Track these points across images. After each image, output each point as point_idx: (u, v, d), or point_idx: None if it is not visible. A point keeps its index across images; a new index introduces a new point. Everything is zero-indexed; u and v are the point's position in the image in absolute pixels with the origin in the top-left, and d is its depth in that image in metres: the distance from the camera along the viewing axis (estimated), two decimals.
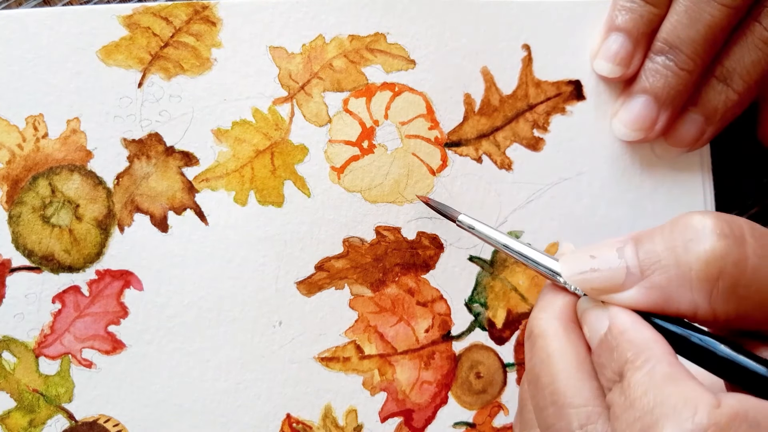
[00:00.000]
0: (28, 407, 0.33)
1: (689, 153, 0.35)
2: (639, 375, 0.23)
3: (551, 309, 0.27)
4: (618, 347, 0.24)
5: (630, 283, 0.25)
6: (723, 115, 0.33)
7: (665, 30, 0.32)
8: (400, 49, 0.34)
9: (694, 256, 0.24)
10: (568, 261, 0.26)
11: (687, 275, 0.24)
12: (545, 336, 0.26)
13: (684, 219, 0.25)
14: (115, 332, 0.34)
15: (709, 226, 0.24)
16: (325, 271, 0.34)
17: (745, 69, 0.32)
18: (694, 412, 0.21)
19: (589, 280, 0.26)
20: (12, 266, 0.33)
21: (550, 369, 0.25)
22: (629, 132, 0.34)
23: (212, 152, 0.34)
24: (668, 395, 0.22)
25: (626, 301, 0.25)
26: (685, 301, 0.24)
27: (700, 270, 0.23)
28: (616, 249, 0.25)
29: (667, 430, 0.21)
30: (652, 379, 0.22)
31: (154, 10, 0.33)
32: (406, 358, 0.35)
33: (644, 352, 0.23)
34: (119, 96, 0.33)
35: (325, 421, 0.34)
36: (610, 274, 0.25)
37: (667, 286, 0.24)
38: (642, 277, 0.25)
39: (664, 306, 0.24)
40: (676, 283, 0.24)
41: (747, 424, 0.21)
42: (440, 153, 0.35)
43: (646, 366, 0.23)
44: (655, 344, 0.23)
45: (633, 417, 0.22)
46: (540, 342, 0.26)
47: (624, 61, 0.33)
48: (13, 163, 0.33)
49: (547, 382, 0.25)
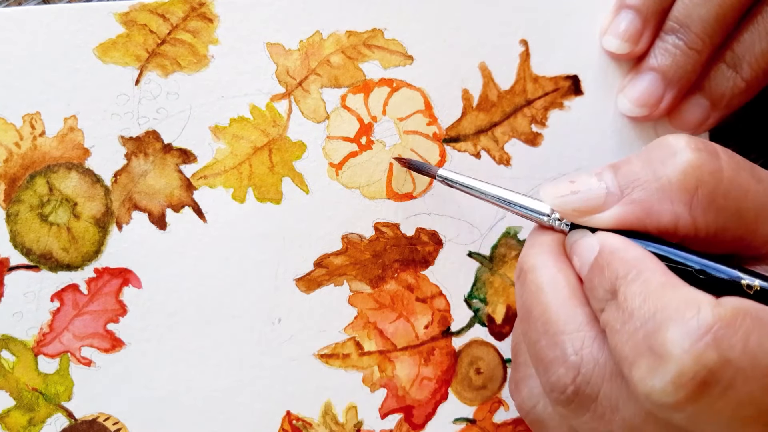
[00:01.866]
0: (27, 406, 0.33)
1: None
2: (635, 286, 0.23)
3: (539, 245, 0.27)
4: (609, 266, 0.24)
5: (610, 202, 0.25)
6: (729, 101, 0.33)
7: (677, 9, 0.32)
8: (397, 44, 0.34)
9: (672, 168, 0.24)
10: (547, 187, 0.27)
11: (666, 187, 0.24)
12: (535, 269, 0.26)
13: (659, 140, 0.26)
14: (114, 330, 0.34)
15: (684, 142, 0.25)
16: (324, 268, 0.34)
17: (754, 57, 0.32)
18: (697, 311, 0.21)
19: (570, 202, 0.26)
20: (10, 265, 0.33)
21: (540, 299, 0.25)
22: (634, 108, 0.34)
23: (210, 149, 0.34)
24: (669, 300, 0.22)
25: (608, 220, 0.25)
26: (666, 214, 0.24)
27: (679, 180, 0.24)
28: (595, 174, 0.26)
29: (671, 332, 0.21)
30: (648, 287, 0.22)
31: (151, 7, 0.33)
32: (405, 354, 0.35)
33: (636, 267, 0.23)
34: (116, 93, 0.33)
35: (325, 418, 0.34)
36: (590, 195, 0.26)
37: (647, 200, 0.25)
38: (622, 195, 0.25)
39: (646, 222, 0.25)
40: (656, 196, 0.25)
41: (750, 318, 0.21)
42: (439, 149, 0.35)
43: (641, 277, 0.23)
44: (646, 259, 0.24)
45: (634, 327, 0.22)
46: (530, 276, 0.26)
47: (632, 38, 0.33)
48: (11, 162, 0.33)
49: (538, 313, 0.25)
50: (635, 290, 0.23)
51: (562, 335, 0.24)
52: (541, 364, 0.25)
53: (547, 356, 0.25)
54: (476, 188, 0.29)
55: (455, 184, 0.30)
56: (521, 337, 0.27)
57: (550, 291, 0.25)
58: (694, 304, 0.21)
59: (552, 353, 0.24)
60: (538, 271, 0.26)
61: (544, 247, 0.27)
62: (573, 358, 0.24)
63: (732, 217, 0.24)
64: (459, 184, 0.30)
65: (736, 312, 0.21)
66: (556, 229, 0.27)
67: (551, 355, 0.24)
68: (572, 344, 0.24)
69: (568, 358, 0.24)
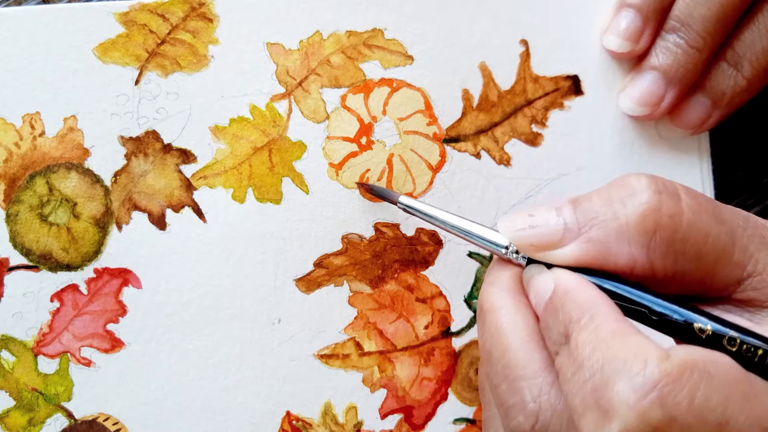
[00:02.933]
0: (27, 406, 0.33)
1: (689, 151, 0.35)
2: (585, 333, 0.22)
3: (498, 282, 0.27)
4: (563, 307, 0.24)
5: (568, 239, 0.25)
6: (730, 100, 0.33)
7: (677, 8, 0.32)
8: (397, 44, 0.34)
9: (631, 209, 0.24)
10: (505, 220, 0.27)
11: (624, 228, 0.24)
12: (493, 310, 0.26)
13: (620, 179, 0.25)
14: (114, 330, 0.33)
15: (645, 183, 0.24)
16: (324, 268, 0.34)
17: (755, 55, 0.32)
18: (644, 366, 0.20)
19: (527, 236, 0.26)
20: (10, 265, 0.33)
21: (500, 342, 0.25)
22: (635, 107, 0.34)
23: (210, 149, 0.34)
24: (617, 351, 0.21)
25: (565, 257, 0.25)
26: (623, 255, 0.24)
27: (638, 222, 0.24)
28: (554, 209, 0.26)
29: (618, 387, 0.20)
30: (598, 336, 0.22)
31: (151, 7, 0.33)
32: (405, 354, 0.35)
33: (589, 311, 0.23)
34: (116, 93, 0.33)
35: (324, 419, 0.34)
36: (548, 230, 0.25)
37: (605, 239, 0.24)
38: (579, 232, 0.25)
39: (602, 261, 0.24)
40: (614, 237, 0.24)
41: (698, 373, 0.20)
42: (439, 149, 0.35)
43: (592, 324, 0.22)
44: (600, 302, 0.23)
45: (583, 378, 0.22)
46: (489, 317, 0.26)
47: (633, 36, 0.33)
48: (10, 162, 0.33)
49: (498, 356, 0.25)
50: (585, 338, 0.22)
51: (521, 381, 0.24)
52: (502, 409, 0.25)
53: (507, 401, 0.25)
54: (436, 217, 0.29)
55: (415, 212, 0.30)
56: (485, 377, 0.27)
57: (509, 334, 0.25)
58: (641, 358, 0.21)
59: (512, 399, 0.24)
60: (496, 312, 0.26)
61: (502, 286, 0.27)
62: (531, 405, 0.24)
63: (691, 260, 0.24)
64: (419, 212, 0.30)
65: (683, 366, 0.20)
66: (513, 262, 0.27)
67: (511, 400, 0.24)
68: (530, 391, 0.24)
69: (527, 406, 0.24)
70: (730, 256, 0.24)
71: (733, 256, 0.24)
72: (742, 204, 0.38)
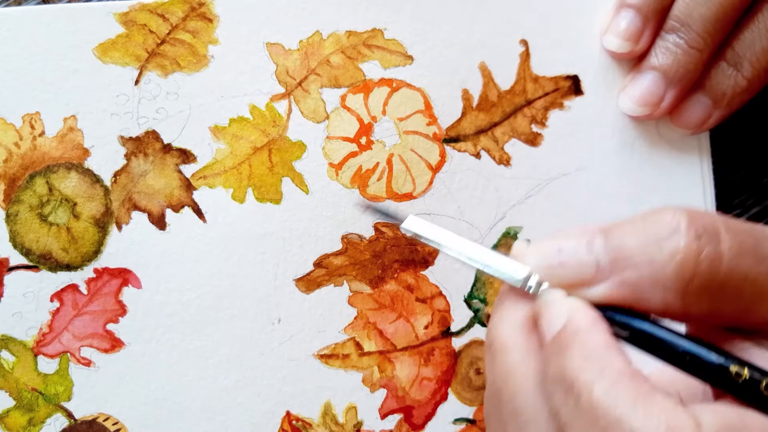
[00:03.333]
0: (27, 406, 0.33)
1: (689, 151, 0.35)
2: (598, 390, 0.21)
3: (511, 320, 0.25)
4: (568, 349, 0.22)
5: (600, 278, 0.23)
6: (730, 99, 0.33)
7: (677, 8, 0.32)
8: (397, 44, 0.34)
9: (668, 254, 0.22)
10: (533, 254, 0.24)
11: (660, 274, 0.22)
12: (504, 350, 0.24)
13: (657, 214, 0.23)
14: (114, 330, 0.33)
15: (684, 224, 0.23)
16: (324, 268, 0.34)
17: (755, 55, 0.32)
18: None
19: (557, 275, 0.24)
20: (10, 265, 0.33)
21: (509, 386, 0.24)
22: (635, 107, 0.34)
23: (210, 149, 0.34)
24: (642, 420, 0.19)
25: (595, 298, 0.23)
26: (656, 300, 0.23)
27: (674, 269, 0.22)
28: (585, 241, 0.24)
29: None
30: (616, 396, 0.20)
31: (151, 7, 0.33)
32: (405, 354, 0.35)
33: (598, 362, 0.21)
34: (116, 93, 0.33)
35: (324, 418, 0.34)
36: (579, 269, 0.23)
37: (638, 283, 0.23)
38: (612, 272, 0.23)
39: (633, 303, 0.23)
40: (648, 281, 0.23)
41: None
42: (439, 149, 0.35)
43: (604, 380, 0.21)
44: (610, 352, 0.22)
45: None
46: (500, 357, 0.25)
47: (633, 36, 0.33)
48: (10, 162, 0.33)
49: (507, 398, 0.24)
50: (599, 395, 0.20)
51: (528, 426, 0.23)
52: None
53: None
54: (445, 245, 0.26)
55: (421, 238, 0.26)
56: (492, 408, 0.26)
57: (520, 378, 0.24)
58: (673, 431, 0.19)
59: None
60: (507, 354, 0.24)
61: (515, 322, 0.25)
62: None
63: (728, 302, 0.23)
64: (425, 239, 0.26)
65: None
66: (529, 295, 0.25)
67: None
68: None
69: None
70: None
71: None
72: (742, 204, 0.38)
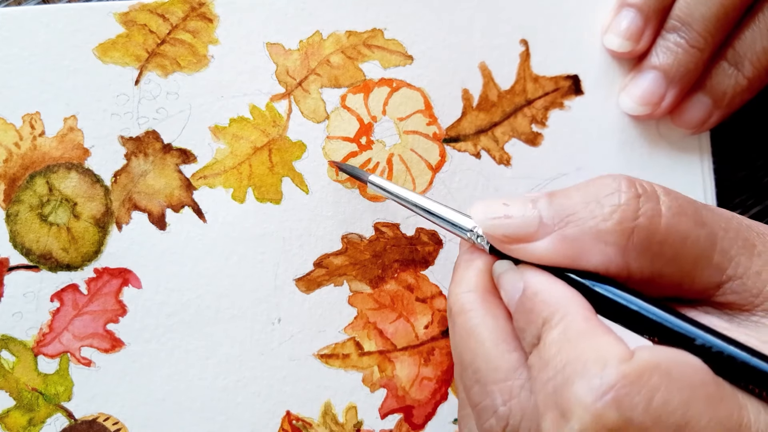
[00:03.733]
0: (27, 406, 0.33)
1: (690, 151, 0.35)
2: (554, 333, 0.22)
3: (466, 282, 0.26)
4: (534, 309, 0.23)
5: (543, 233, 0.24)
6: (731, 99, 0.33)
7: (678, 7, 0.32)
8: (397, 44, 0.34)
9: (609, 209, 0.23)
10: (479, 207, 0.26)
11: (601, 228, 0.23)
12: (462, 312, 0.26)
13: (599, 178, 0.25)
14: (114, 330, 0.34)
15: (624, 183, 0.24)
16: (324, 268, 0.34)
17: (755, 55, 0.32)
18: (602, 367, 0.20)
19: (501, 225, 0.25)
20: (10, 265, 0.33)
21: (470, 346, 0.25)
22: (636, 106, 0.34)
23: (210, 149, 0.34)
24: (580, 352, 0.21)
25: (537, 252, 0.24)
26: (597, 255, 0.24)
27: (615, 223, 0.23)
28: (530, 200, 0.25)
29: (576, 388, 0.20)
30: (565, 335, 0.22)
31: (151, 7, 0.33)
32: (405, 354, 0.35)
33: (559, 311, 0.23)
34: (116, 93, 0.33)
35: (324, 418, 0.34)
36: (523, 222, 0.24)
37: (580, 238, 0.24)
38: (555, 228, 0.24)
39: (575, 259, 0.24)
40: (590, 236, 0.23)
41: (658, 374, 0.20)
42: (439, 149, 0.35)
43: (561, 324, 0.22)
44: (570, 301, 0.23)
45: (547, 377, 0.21)
46: (459, 319, 0.26)
47: (634, 36, 0.33)
48: (10, 162, 0.33)
49: (469, 360, 0.25)
50: (553, 338, 0.22)
51: (491, 385, 0.24)
52: (475, 410, 0.25)
53: (479, 403, 0.24)
54: (404, 197, 0.29)
55: (384, 191, 0.31)
56: (457, 377, 0.27)
57: (479, 337, 0.25)
58: (601, 359, 0.20)
59: (483, 401, 0.24)
60: (465, 315, 0.25)
61: (470, 285, 0.26)
62: (502, 409, 0.24)
63: (668, 263, 0.24)
64: (387, 191, 0.30)
65: (643, 367, 0.20)
66: (477, 247, 0.26)
67: (482, 403, 0.24)
68: (501, 395, 0.24)
69: (498, 409, 0.24)
70: (710, 259, 0.24)
71: (712, 259, 0.24)
72: (743, 204, 0.38)
